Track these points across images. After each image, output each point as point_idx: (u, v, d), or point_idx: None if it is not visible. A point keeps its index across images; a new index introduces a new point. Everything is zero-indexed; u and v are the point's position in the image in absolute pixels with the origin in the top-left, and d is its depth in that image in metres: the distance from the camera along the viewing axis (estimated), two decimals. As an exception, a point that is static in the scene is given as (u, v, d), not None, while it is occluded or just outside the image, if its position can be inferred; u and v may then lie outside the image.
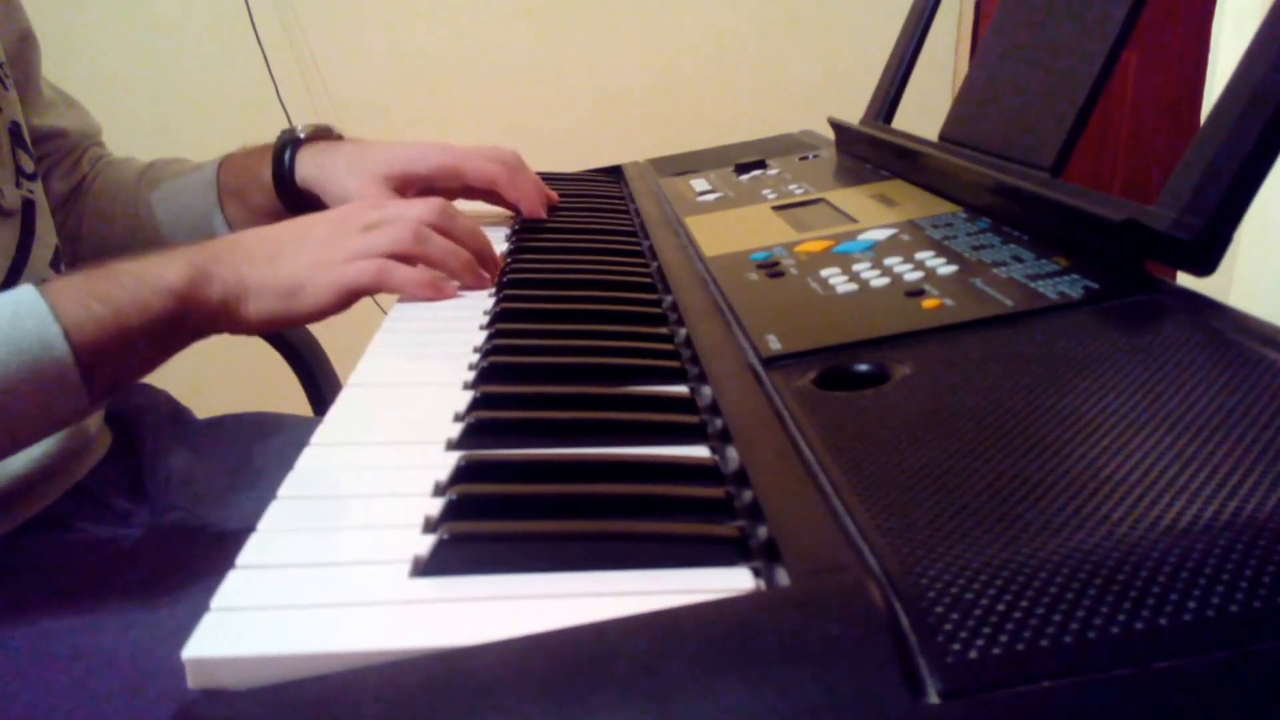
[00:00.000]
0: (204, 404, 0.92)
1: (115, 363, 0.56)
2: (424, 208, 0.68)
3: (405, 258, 0.65)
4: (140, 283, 0.57)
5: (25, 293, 0.54)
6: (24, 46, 0.81)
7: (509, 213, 0.93)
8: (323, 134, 0.86)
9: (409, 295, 0.67)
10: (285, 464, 0.42)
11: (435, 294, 0.67)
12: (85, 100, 0.91)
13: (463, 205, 0.90)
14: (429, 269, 0.68)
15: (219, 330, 0.62)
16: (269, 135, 0.86)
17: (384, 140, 0.87)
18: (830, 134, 1.05)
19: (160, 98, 1.92)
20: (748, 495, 0.37)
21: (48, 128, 0.84)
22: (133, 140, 0.97)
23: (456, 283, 0.69)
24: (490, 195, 0.90)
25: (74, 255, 0.86)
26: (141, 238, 0.86)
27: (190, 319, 0.59)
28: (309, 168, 0.83)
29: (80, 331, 0.54)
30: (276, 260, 0.63)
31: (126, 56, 1.91)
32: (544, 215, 0.89)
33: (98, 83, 1.75)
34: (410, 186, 0.84)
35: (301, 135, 0.84)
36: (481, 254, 0.71)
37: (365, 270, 0.63)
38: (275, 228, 0.67)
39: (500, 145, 0.90)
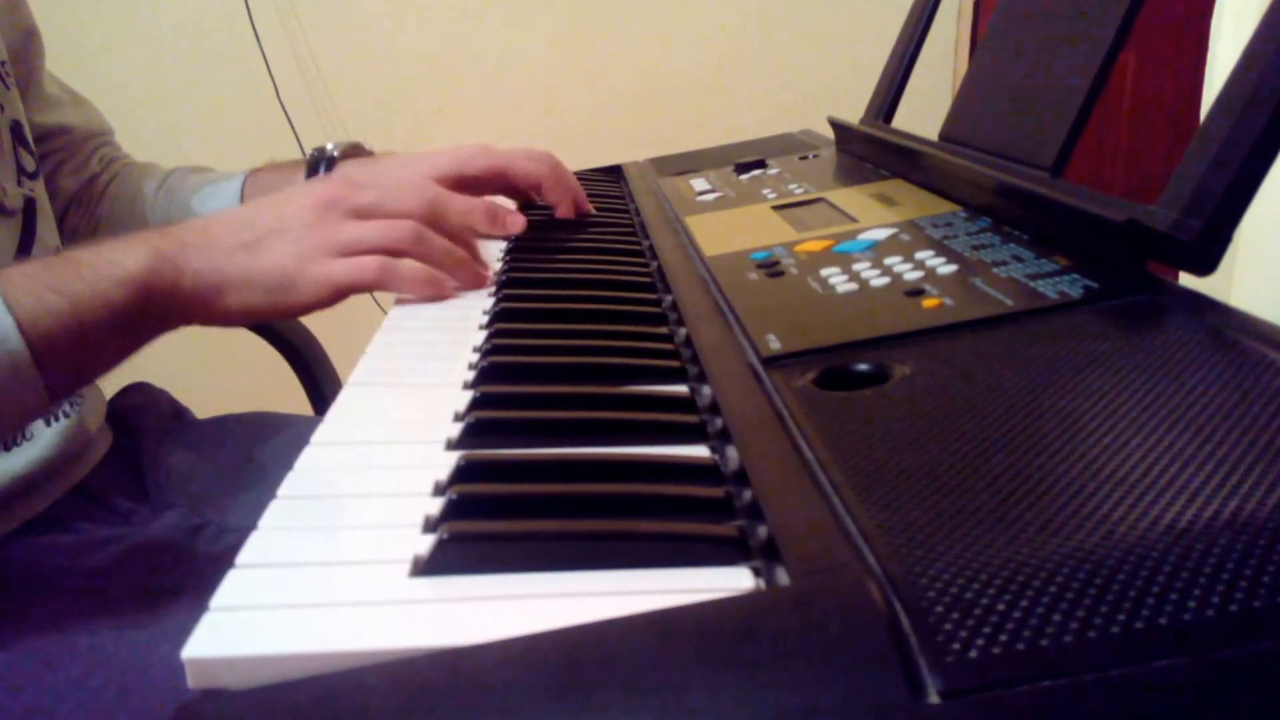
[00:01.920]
0: (204, 404, 0.92)
1: (76, 356, 0.55)
2: (418, 202, 0.67)
3: (401, 254, 0.64)
4: (98, 273, 0.55)
5: None
6: (27, 43, 0.81)
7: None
8: (355, 150, 0.85)
9: (410, 294, 0.67)
10: (285, 464, 0.42)
11: (436, 292, 0.67)
12: (85, 100, 0.91)
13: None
14: (427, 266, 0.67)
15: (191, 322, 0.60)
16: (270, 136, 0.87)
17: (394, 151, 0.86)
18: (830, 134, 1.05)
19: (160, 98, 1.92)
20: (747, 495, 0.37)
21: (51, 124, 0.84)
22: (133, 141, 0.97)
23: (455, 282, 0.68)
24: (517, 194, 0.89)
25: None
26: None
27: (155, 309, 0.57)
28: None
29: (35, 325, 0.52)
30: (256, 249, 0.60)
31: (126, 57, 1.91)
32: (573, 217, 0.88)
33: (98, 83, 1.74)
34: (462, 187, 0.81)
35: (335, 153, 0.83)
36: (472, 251, 0.71)
37: (365, 269, 0.61)
38: (243, 210, 0.64)
39: (533, 148, 0.89)
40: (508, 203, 0.91)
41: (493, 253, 0.79)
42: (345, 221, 0.63)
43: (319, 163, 0.82)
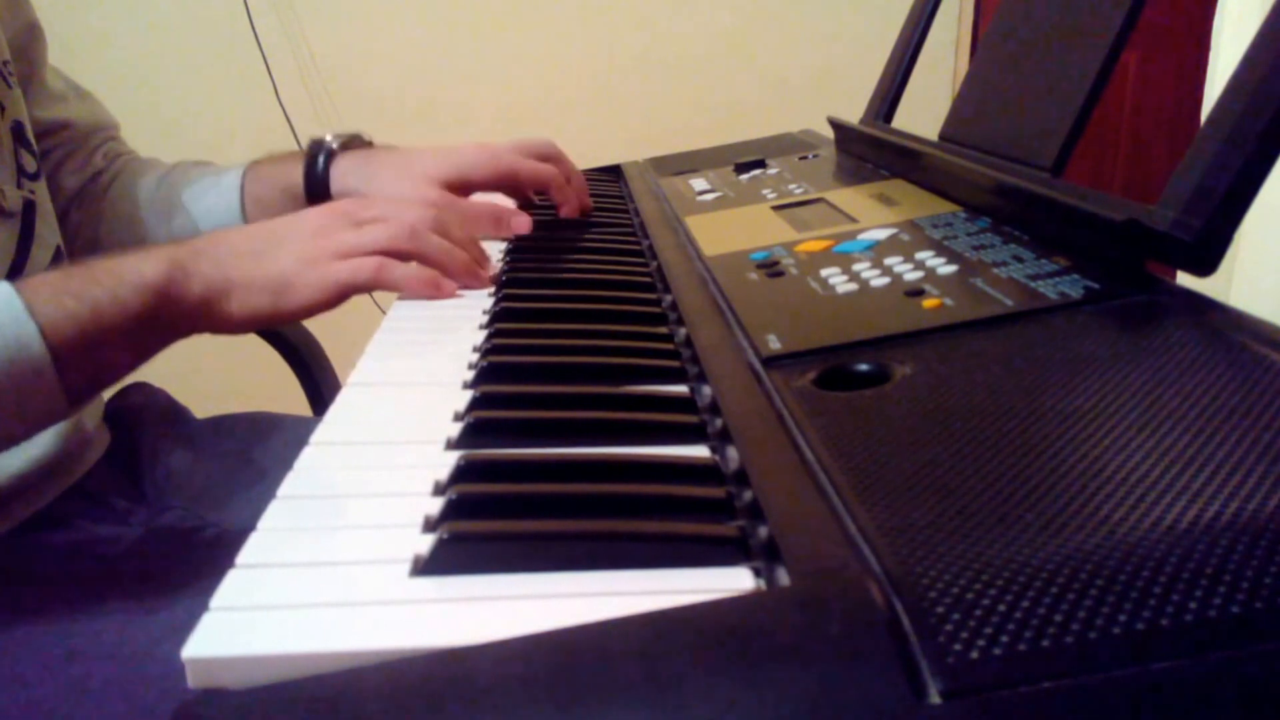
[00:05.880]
0: (204, 404, 0.92)
1: (93, 361, 0.55)
2: (420, 210, 0.67)
3: (401, 255, 0.65)
4: (117, 280, 0.56)
5: None
6: (30, 39, 0.81)
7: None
8: (355, 142, 0.85)
9: (409, 292, 0.67)
10: (285, 464, 0.42)
11: (435, 291, 0.67)
12: (84, 98, 0.91)
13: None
14: (426, 267, 0.67)
15: (201, 329, 0.61)
16: (268, 134, 0.86)
17: (410, 146, 0.85)
18: (830, 133, 1.05)
19: (159, 97, 1.92)
20: (748, 495, 0.37)
21: (53, 119, 0.83)
22: (132, 139, 0.97)
23: (454, 283, 0.68)
24: (519, 194, 0.90)
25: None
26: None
27: (169, 317, 0.58)
28: (350, 177, 0.81)
29: (56, 330, 0.53)
30: (262, 256, 0.61)
31: (125, 55, 1.90)
32: (578, 217, 0.88)
33: (97, 81, 1.74)
34: (465, 191, 0.82)
35: (334, 145, 0.83)
36: (476, 256, 0.71)
37: (363, 267, 0.62)
38: (261, 224, 0.66)
39: (532, 136, 0.88)
40: (509, 202, 0.91)
41: (493, 253, 0.79)
42: (348, 229, 0.64)
43: (318, 154, 0.82)
